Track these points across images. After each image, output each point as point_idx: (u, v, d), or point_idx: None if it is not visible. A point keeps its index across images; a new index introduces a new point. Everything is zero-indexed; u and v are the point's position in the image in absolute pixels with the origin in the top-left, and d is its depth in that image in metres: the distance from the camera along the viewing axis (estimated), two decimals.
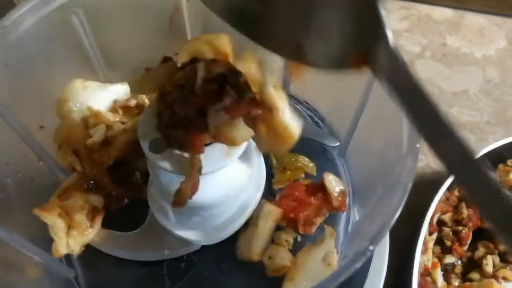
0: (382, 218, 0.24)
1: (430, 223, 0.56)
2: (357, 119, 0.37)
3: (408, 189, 0.24)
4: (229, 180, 0.33)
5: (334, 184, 0.36)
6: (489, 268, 0.53)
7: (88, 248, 0.37)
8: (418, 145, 0.26)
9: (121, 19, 0.39)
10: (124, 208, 0.39)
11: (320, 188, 0.36)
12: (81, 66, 0.39)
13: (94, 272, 0.37)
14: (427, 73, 0.74)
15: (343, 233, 0.38)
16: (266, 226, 0.34)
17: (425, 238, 0.55)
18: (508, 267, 0.52)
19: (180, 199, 0.28)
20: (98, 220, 0.37)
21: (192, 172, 0.28)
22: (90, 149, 0.36)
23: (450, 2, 0.79)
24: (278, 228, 0.37)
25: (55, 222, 0.33)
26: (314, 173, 0.39)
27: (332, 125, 0.43)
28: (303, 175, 0.39)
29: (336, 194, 0.36)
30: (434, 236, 0.55)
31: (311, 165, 0.39)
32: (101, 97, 0.39)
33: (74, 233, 0.34)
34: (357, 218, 0.39)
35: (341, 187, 0.36)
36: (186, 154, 0.29)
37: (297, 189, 0.36)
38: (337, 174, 0.38)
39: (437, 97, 0.73)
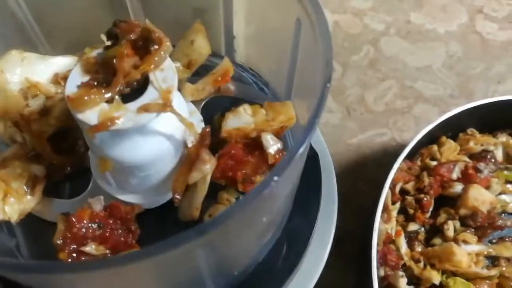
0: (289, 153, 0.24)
1: (393, 193, 0.56)
2: (291, 79, 0.37)
3: (315, 126, 0.24)
4: (160, 139, 0.33)
5: (271, 142, 0.36)
6: (450, 233, 0.53)
7: (30, 217, 0.37)
8: (328, 85, 0.26)
9: None
10: (68, 177, 0.39)
11: (257, 146, 0.37)
12: (19, 40, 0.40)
13: (37, 241, 0.37)
14: (392, 49, 0.75)
15: None
16: (203, 183, 0.35)
17: (388, 207, 0.55)
18: (468, 231, 0.53)
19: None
20: (39, 189, 0.37)
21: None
22: (28, 119, 0.36)
23: None
24: (220, 187, 0.38)
25: None
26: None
27: (275, 88, 0.43)
28: None
29: (272, 152, 0.36)
30: (398, 205, 0.56)
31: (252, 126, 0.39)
32: (41, 69, 0.39)
33: (11, 200, 0.34)
34: None
35: (279, 145, 0.37)
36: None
37: (234, 148, 0.36)
38: None
39: (401, 72, 0.74)
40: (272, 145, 0.36)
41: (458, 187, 0.55)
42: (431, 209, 0.56)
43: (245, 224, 0.26)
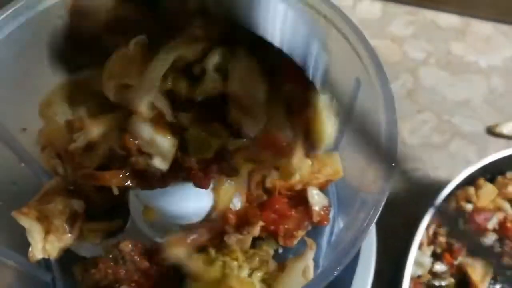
0: (353, 234, 0.23)
1: (427, 235, 0.55)
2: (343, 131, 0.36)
3: (380, 206, 0.23)
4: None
5: (316, 198, 0.36)
6: None
7: (68, 252, 0.37)
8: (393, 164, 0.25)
9: None
10: (106, 213, 0.39)
11: (302, 201, 0.36)
12: None
13: (72, 276, 0.37)
14: (431, 80, 0.73)
15: (326, 245, 0.38)
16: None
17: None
18: None
19: None
20: (78, 226, 0.36)
21: None
22: (72, 154, 0.36)
23: (456, 8, 0.77)
24: (260, 239, 0.37)
25: (32, 226, 0.33)
26: None
27: None
28: None
29: (317, 209, 0.35)
30: (430, 248, 0.55)
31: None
32: None
33: (51, 238, 0.34)
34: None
35: (324, 202, 0.36)
36: None
37: (278, 202, 0.35)
38: None
39: (439, 105, 0.72)
40: (318, 202, 0.35)
41: (491, 238, 0.54)
42: (460, 257, 0.55)
43: None
